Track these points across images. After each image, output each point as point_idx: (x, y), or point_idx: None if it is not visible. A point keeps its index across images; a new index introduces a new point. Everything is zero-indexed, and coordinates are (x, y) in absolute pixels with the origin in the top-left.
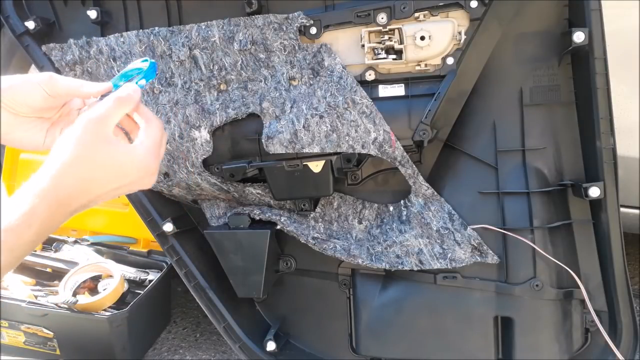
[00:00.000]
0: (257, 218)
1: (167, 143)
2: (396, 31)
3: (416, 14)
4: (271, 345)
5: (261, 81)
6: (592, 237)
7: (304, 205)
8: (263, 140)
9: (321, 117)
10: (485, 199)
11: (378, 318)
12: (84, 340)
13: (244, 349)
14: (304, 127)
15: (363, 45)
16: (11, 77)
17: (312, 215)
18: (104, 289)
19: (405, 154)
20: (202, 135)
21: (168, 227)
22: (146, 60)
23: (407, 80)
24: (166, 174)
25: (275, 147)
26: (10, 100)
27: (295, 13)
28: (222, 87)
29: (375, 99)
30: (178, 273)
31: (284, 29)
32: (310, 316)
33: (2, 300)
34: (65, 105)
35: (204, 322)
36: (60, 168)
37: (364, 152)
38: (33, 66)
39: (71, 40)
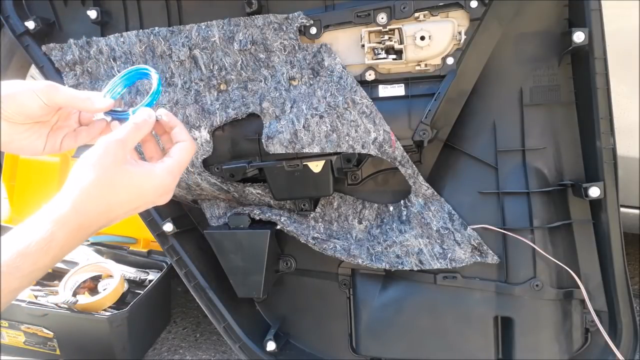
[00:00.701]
0: (257, 218)
1: None
2: (396, 31)
3: (416, 14)
4: (271, 345)
5: (261, 81)
6: (592, 237)
7: (304, 205)
8: (263, 140)
9: (321, 117)
10: (485, 199)
11: (378, 318)
12: (84, 340)
13: (244, 349)
14: (304, 127)
15: (363, 45)
16: (8, 83)
17: (312, 215)
18: (104, 289)
19: (405, 154)
20: (202, 135)
21: (168, 227)
22: (146, 70)
23: (407, 80)
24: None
25: (275, 147)
26: (6, 109)
27: (295, 13)
28: (222, 87)
29: (375, 99)
30: (178, 273)
31: (284, 29)
32: (310, 316)
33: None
34: (62, 108)
35: (204, 322)
36: (80, 193)
37: (364, 152)
38: (33, 66)
39: (71, 40)
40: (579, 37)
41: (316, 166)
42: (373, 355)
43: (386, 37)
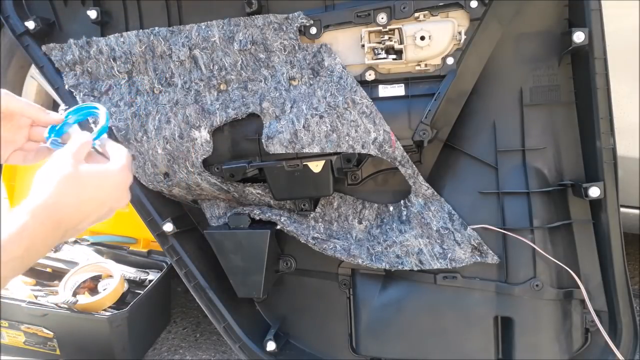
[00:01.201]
0: (257, 218)
1: (167, 143)
2: (396, 31)
3: (416, 14)
4: (271, 345)
5: (261, 81)
6: (592, 237)
7: (304, 205)
8: (263, 140)
9: (321, 117)
10: (485, 199)
11: (378, 318)
12: (84, 340)
13: (244, 349)
14: (304, 127)
15: (363, 45)
16: None
17: (312, 215)
18: (104, 289)
19: (405, 154)
20: (202, 135)
21: (168, 227)
22: (94, 109)
23: (407, 80)
24: (166, 174)
25: (275, 147)
26: None
27: (295, 13)
28: (222, 87)
29: (375, 99)
30: (178, 273)
31: (284, 29)
32: (310, 316)
33: (2, 300)
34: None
35: (204, 322)
36: (50, 188)
37: (364, 152)
38: (33, 66)
39: (71, 40)
40: (579, 37)
41: (316, 166)
42: (373, 355)
43: (386, 37)
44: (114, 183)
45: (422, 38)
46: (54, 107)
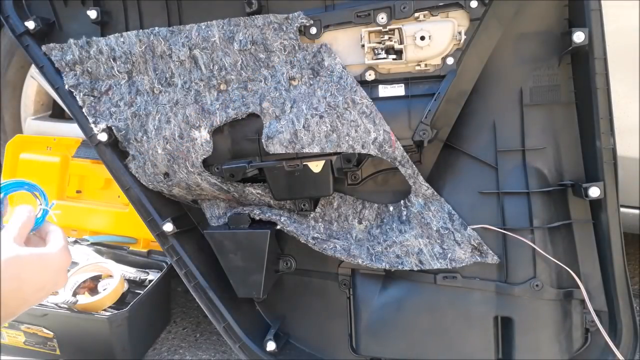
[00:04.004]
0: (257, 218)
1: (167, 143)
2: (396, 31)
3: (416, 14)
4: (271, 345)
5: (261, 81)
6: (592, 237)
7: (304, 205)
8: (263, 140)
9: (321, 117)
10: (485, 199)
11: (378, 318)
12: (84, 340)
13: (244, 349)
14: (304, 127)
15: (363, 45)
16: None
17: (312, 215)
18: (104, 289)
19: (405, 154)
20: (202, 135)
21: (168, 227)
22: (34, 186)
23: (407, 80)
24: (166, 174)
25: (275, 147)
26: None
27: (295, 13)
28: (222, 87)
29: (375, 99)
30: (178, 273)
31: (284, 29)
32: (310, 316)
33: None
34: None
35: (204, 322)
36: None
37: (364, 152)
38: (33, 66)
39: (71, 40)
40: (579, 37)
41: (316, 166)
42: (373, 355)
43: (386, 37)
44: (55, 267)
45: (422, 38)
46: (54, 107)
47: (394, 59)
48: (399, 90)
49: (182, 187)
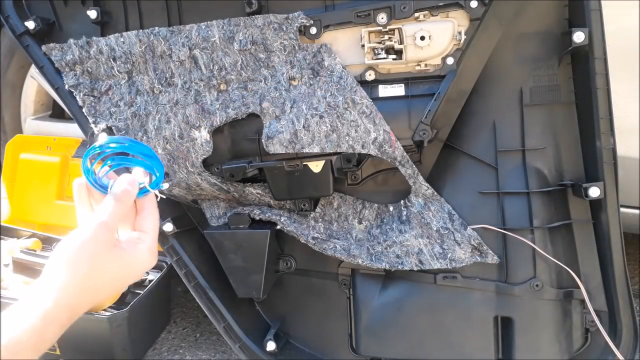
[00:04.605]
0: (257, 218)
1: (167, 143)
2: (396, 31)
3: (416, 14)
4: (271, 345)
5: (261, 81)
6: (592, 237)
7: (304, 205)
8: (263, 140)
9: (321, 117)
10: (485, 199)
11: (378, 318)
12: (84, 340)
13: (244, 349)
14: (304, 127)
15: (363, 45)
16: None
17: (312, 215)
18: None
19: (405, 154)
20: (202, 135)
21: (168, 227)
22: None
23: (407, 80)
24: (166, 174)
25: (275, 147)
26: None
27: (295, 13)
28: (222, 87)
29: (375, 99)
30: (178, 273)
31: (284, 29)
32: (310, 316)
33: (2, 300)
34: None
35: (204, 322)
36: (68, 287)
37: (364, 152)
38: (33, 66)
39: (71, 40)
40: (579, 37)
41: (316, 166)
42: (373, 355)
43: (386, 37)
44: (142, 267)
45: (422, 38)
46: (54, 107)
47: (394, 59)
48: (399, 90)
49: (182, 187)
